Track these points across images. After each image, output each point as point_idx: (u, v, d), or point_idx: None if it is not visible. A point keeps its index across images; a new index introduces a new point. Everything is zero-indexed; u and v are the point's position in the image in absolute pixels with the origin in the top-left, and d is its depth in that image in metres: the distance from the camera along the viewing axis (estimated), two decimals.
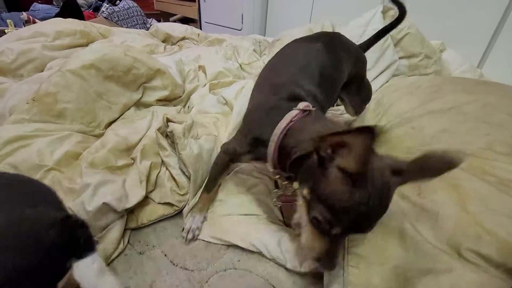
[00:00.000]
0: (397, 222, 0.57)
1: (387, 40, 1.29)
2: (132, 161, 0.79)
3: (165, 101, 1.12)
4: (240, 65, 1.44)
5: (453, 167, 0.40)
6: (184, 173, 0.78)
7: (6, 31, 1.72)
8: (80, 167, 0.71)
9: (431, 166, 0.41)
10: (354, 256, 0.54)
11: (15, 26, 1.91)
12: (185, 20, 3.16)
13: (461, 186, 0.54)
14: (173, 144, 0.81)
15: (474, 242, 0.47)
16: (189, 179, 0.76)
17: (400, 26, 1.31)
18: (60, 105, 0.86)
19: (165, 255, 0.64)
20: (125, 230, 0.67)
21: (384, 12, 1.31)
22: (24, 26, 1.91)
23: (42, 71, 1.24)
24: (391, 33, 1.32)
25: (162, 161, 0.81)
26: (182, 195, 0.75)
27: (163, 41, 1.83)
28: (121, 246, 0.64)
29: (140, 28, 2.54)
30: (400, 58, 1.33)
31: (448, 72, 1.39)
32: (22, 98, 0.88)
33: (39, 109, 0.84)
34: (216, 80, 1.25)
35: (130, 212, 0.70)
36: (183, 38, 1.87)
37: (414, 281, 0.45)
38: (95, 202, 0.62)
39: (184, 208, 0.75)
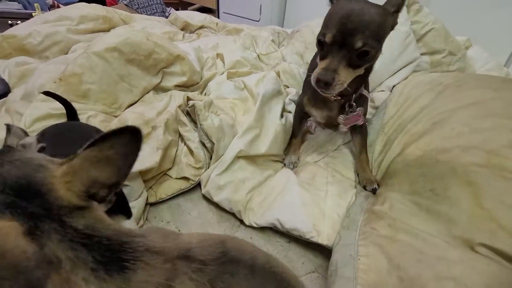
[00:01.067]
0: (406, 215, 0.57)
1: (409, 35, 1.25)
2: (151, 129, 0.81)
3: (183, 87, 1.14)
4: (258, 56, 1.44)
5: None
6: (203, 145, 0.80)
7: (33, 14, 1.78)
8: None
9: None
10: (363, 247, 0.55)
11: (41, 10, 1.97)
12: (203, 10, 3.16)
13: (476, 183, 0.54)
14: (192, 122, 0.84)
15: (489, 237, 0.47)
16: (208, 152, 0.78)
17: (424, 21, 1.28)
18: (84, 86, 0.90)
19: (179, 230, 0.67)
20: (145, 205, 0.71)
21: (408, 6, 1.27)
22: (49, 11, 1.97)
23: (67, 54, 1.28)
24: (414, 28, 1.28)
25: (181, 136, 0.84)
26: (198, 168, 0.78)
27: (182, 29, 1.85)
28: (141, 222, 0.67)
29: (159, 16, 2.56)
30: (422, 54, 1.29)
31: (472, 70, 1.34)
32: (49, 77, 0.92)
33: (65, 89, 0.88)
34: (234, 69, 1.26)
35: (149, 188, 0.73)
36: (202, 27, 1.88)
37: (424, 265, 0.45)
38: None
39: (199, 182, 0.78)
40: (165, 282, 0.27)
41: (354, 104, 0.73)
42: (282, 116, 0.97)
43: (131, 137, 0.28)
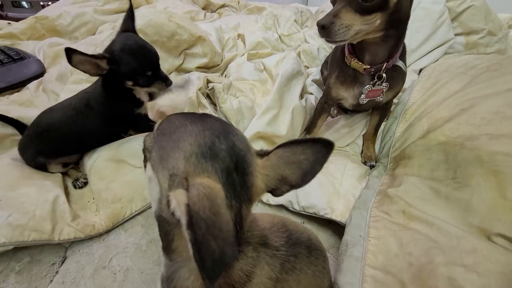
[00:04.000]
0: (422, 202, 0.57)
1: (442, 15, 1.15)
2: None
3: (204, 68, 1.15)
4: (280, 36, 1.41)
5: None
6: None
7: None
8: None
9: None
10: (374, 229, 0.56)
11: None
12: None
13: (503, 173, 0.52)
14: (212, 104, 0.86)
15: (509, 228, 0.46)
16: None
17: None
18: None
19: None
20: None
21: None
22: None
23: (94, 34, 1.33)
24: (450, 5, 1.18)
25: None
26: None
27: (203, 8, 1.84)
28: None
29: None
30: (456, 34, 1.19)
31: None
32: None
33: None
34: (255, 50, 1.25)
35: None
36: (223, 6, 1.85)
37: (436, 252, 0.45)
38: None
39: None
40: (251, 269, 0.32)
41: (384, 75, 0.68)
42: (302, 97, 0.96)
43: (322, 148, 0.30)
